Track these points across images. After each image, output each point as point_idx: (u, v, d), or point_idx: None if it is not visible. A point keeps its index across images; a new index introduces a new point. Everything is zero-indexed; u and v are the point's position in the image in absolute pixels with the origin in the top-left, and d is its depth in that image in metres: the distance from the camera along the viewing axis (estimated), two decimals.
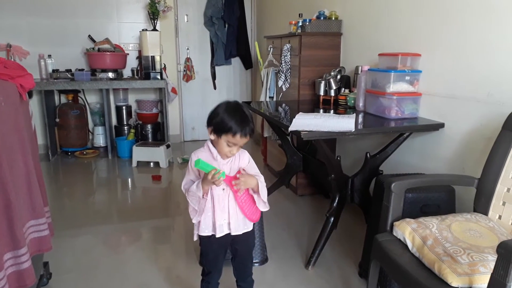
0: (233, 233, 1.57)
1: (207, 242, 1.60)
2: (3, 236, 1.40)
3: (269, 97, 3.68)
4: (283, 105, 3.00)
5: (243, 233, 1.60)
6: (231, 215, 1.55)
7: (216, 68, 5.44)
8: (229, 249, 1.67)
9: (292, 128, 2.02)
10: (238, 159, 1.57)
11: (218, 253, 1.64)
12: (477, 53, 1.95)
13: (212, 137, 1.49)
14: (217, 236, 1.56)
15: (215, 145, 1.51)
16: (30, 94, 1.87)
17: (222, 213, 1.55)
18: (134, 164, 4.28)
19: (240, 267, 1.72)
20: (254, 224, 1.66)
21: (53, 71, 4.47)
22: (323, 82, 2.97)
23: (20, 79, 1.70)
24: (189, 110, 5.40)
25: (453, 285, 1.24)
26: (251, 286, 1.78)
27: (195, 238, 1.61)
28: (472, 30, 1.97)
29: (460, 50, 2.05)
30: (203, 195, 1.49)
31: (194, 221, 1.57)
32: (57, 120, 4.61)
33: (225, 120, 1.43)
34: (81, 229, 2.79)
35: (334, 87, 2.91)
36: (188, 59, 5.24)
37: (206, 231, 1.57)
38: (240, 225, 1.58)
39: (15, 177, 1.51)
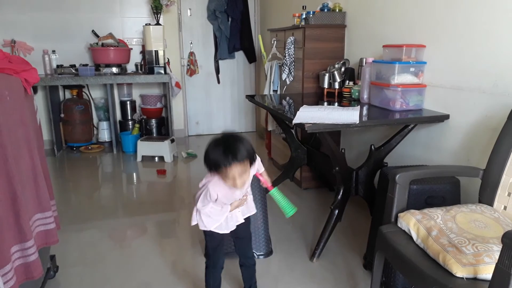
0: (244, 217, 1.65)
1: (213, 232, 1.63)
2: (11, 229, 1.41)
3: (273, 90, 3.68)
4: (287, 98, 3.00)
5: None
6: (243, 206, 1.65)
7: (220, 62, 5.43)
8: (230, 236, 1.71)
9: (296, 120, 2.02)
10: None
11: (221, 240, 1.69)
12: (483, 43, 1.93)
13: (216, 177, 1.49)
14: (233, 228, 1.62)
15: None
16: (35, 90, 1.89)
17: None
18: (139, 158, 4.30)
19: (241, 243, 1.77)
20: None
21: (58, 66, 4.49)
22: (327, 74, 2.96)
23: (24, 73, 1.71)
24: (193, 105, 5.41)
25: (458, 275, 1.24)
26: (253, 266, 1.82)
27: (193, 223, 1.63)
28: (477, 20, 1.95)
29: (465, 41, 2.04)
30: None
31: (193, 223, 1.60)
32: (62, 115, 4.63)
33: (213, 162, 1.40)
34: (87, 223, 2.81)
35: (338, 79, 2.89)
36: (191, 53, 5.24)
37: (217, 228, 1.61)
38: (250, 209, 1.67)
39: (21, 170, 1.53)
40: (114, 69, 4.53)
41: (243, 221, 1.65)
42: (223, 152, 1.37)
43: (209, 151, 1.41)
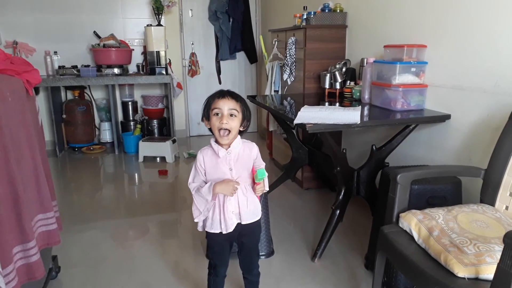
0: (243, 222, 1.56)
1: (213, 235, 1.59)
2: (12, 229, 1.42)
3: (274, 90, 3.68)
4: (288, 98, 3.00)
5: (250, 225, 1.59)
6: (240, 205, 1.55)
7: (221, 62, 5.44)
8: (235, 242, 1.67)
9: (297, 121, 2.02)
10: (248, 150, 1.57)
11: (224, 245, 1.64)
12: (484, 43, 1.93)
13: (208, 125, 1.53)
14: (230, 230, 1.55)
15: (212, 132, 1.52)
16: (36, 91, 1.89)
17: (230, 205, 1.54)
18: (141, 159, 4.31)
19: (246, 260, 1.73)
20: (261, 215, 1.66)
21: (59, 67, 4.50)
22: (328, 75, 2.96)
23: (26, 74, 1.72)
24: (195, 105, 5.41)
25: (459, 275, 1.23)
26: (258, 278, 1.78)
27: (200, 229, 1.62)
28: (479, 19, 1.95)
29: (466, 40, 2.03)
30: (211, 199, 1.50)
31: (196, 220, 1.56)
32: (64, 116, 4.64)
33: (206, 100, 1.53)
34: (89, 223, 2.82)
35: (339, 79, 2.89)
36: (193, 54, 5.25)
37: (213, 228, 1.56)
38: (248, 214, 1.58)
39: (23, 171, 1.53)
40: (116, 70, 4.54)
41: (239, 221, 1.56)
42: (217, 91, 1.52)
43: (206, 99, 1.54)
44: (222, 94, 1.49)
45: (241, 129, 1.53)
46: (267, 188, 1.61)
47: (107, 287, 2.06)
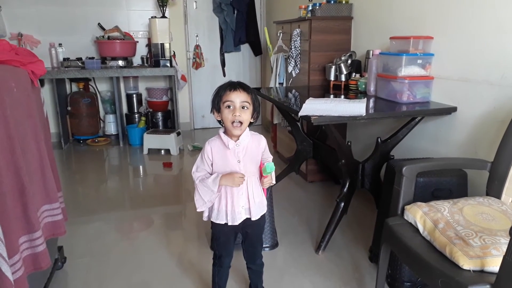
0: (253, 218, 1.57)
1: (218, 225, 1.60)
2: (19, 219, 1.42)
3: (279, 83, 3.66)
4: (293, 91, 2.98)
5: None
6: (250, 200, 1.55)
7: (226, 55, 5.41)
8: (240, 232, 1.68)
9: (302, 113, 2.01)
10: (257, 143, 1.56)
11: (229, 236, 1.65)
12: (491, 35, 1.90)
13: (218, 117, 1.51)
14: (236, 224, 1.55)
15: (224, 125, 1.50)
16: (41, 83, 1.89)
17: (240, 200, 1.54)
18: (145, 151, 4.31)
19: (250, 250, 1.73)
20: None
21: (64, 59, 4.50)
22: (333, 67, 2.94)
23: (31, 65, 1.72)
24: (199, 98, 5.41)
25: (464, 267, 1.23)
26: (261, 268, 1.79)
27: (205, 219, 1.63)
28: (486, 11, 1.92)
29: (473, 32, 2.01)
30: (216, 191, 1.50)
31: (199, 209, 1.56)
32: (69, 108, 4.65)
33: (216, 91, 1.50)
34: (94, 215, 2.83)
35: (344, 72, 2.88)
36: (197, 46, 5.23)
37: (219, 219, 1.56)
38: (258, 209, 1.59)
39: (29, 162, 1.54)
40: (120, 62, 4.53)
41: (248, 216, 1.57)
42: (227, 83, 1.49)
43: (216, 90, 1.51)
44: (234, 86, 1.46)
45: (251, 121, 1.52)
46: (274, 181, 1.60)
47: (112, 278, 2.07)
